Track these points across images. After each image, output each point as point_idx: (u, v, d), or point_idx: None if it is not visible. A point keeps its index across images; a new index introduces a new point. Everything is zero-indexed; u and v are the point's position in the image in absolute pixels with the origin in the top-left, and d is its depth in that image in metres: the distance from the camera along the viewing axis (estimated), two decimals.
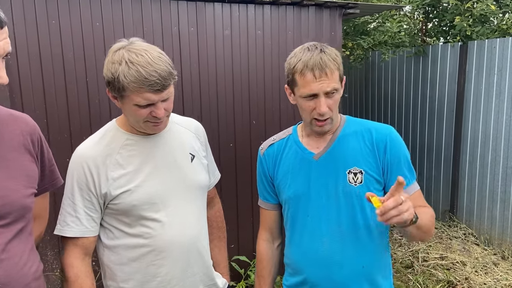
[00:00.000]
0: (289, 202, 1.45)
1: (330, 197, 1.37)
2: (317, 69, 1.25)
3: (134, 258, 1.35)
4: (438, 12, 4.90)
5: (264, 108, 3.24)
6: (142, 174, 1.33)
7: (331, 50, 1.31)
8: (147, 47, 1.25)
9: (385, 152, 1.35)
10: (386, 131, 1.37)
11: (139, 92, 1.20)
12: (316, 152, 1.40)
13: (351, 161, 1.36)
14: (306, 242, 1.41)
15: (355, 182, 1.34)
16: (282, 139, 1.50)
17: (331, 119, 1.33)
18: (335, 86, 1.28)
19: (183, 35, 2.90)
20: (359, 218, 1.36)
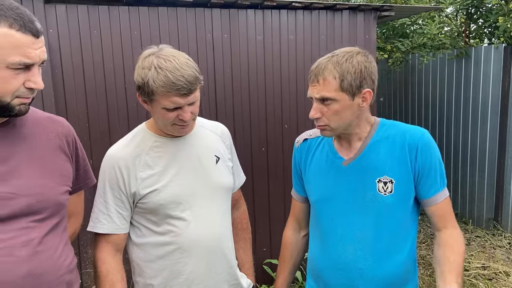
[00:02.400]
0: (315, 204, 1.46)
1: (357, 204, 1.36)
2: (313, 75, 1.28)
3: (161, 256, 1.40)
4: (481, 13, 4.72)
5: (297, 112, 3.25)
6: (169, 175, 1.39)
7: (349, 58, 1.26)
8: (175, 53, 1.31)
9: (417, 156, 1.31)
10: (418, 134, 1.34)
11: (167, 96, 1.27)
12: (346, 158, 1.39)
13: (381, 169, 1.33)
14: (329, 246, 1.42)
15: (385, 191, 1.32)
16: (317, 137, 1.50)
17: (330, 127, 1.31)
18: (325, 95, 1.25)
19: (216, 42, 2.97)
20: (384, 228, 1.34)
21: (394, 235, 1.35)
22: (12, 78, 0.97)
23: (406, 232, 1.37)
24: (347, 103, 1.28)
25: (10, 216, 1.01)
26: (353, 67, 1.25)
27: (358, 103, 1.29)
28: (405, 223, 1.37)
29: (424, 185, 1.33)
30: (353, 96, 1.27)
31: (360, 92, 1.28)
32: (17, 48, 0.95)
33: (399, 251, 1.36)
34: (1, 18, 0.94)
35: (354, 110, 1.30)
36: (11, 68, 0.96)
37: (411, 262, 1.40)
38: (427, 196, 1.34)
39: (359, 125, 1.37)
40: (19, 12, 0.97)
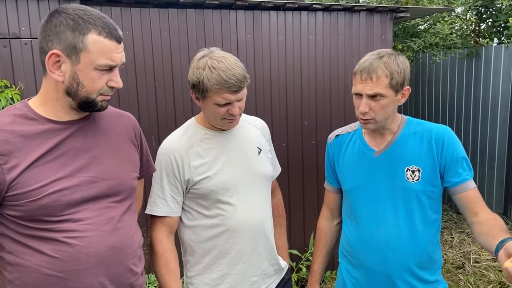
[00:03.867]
0: (348, 192, 1.62)
1: (387, 191, 1.51)
2: (364, 73, 1.41)
3: (211, 237, 1.55)
4: (491, 13, 4.84)
5: (316, 109, 3.39)
6: (219, 164, 1.54)
7: (394, 58, 1.42)
8: (226, 55, 1.46)
9: (443, 150, 1.46)
10: (443, 131, 1.49)
11: (219, 93, 1.42)
12: (376, 150, 1.55)
13: (409, 160, 1.49)
14: (362, 228, 1.57)
15: (413, 179, 1.47)
16: (348, 133, 1.67)
17: (375, 120, 1.45)
18: (378, 91, 1.40)
19: (240, 42, 3.12)
20: (415, 211, 1.49)
21: (421, 219, 1.49)
22: (99, 78, 1.13)
23: (432, 217, 1.52)
24: (392, 99, 1.44)
25: (96, 197, 1.17)
26: (399, 67, 1.42)
27: (399, 98, 1.46)
28: (431, 209, 1.51)
29: (452, 174, 1.47)
30: (397, 92, 1.44)
31: (402, 89, 1.46)
32: (104, 52, 1.11)
33: (425, 233, 1.50)
34: (92, 26, 1.09)
35: (394, 105, 1.47)
36: (98, 69, 1.12)
37: (436, 244, 1.55)
38: (456, 183, 1.47)
39: (393, 119, 1.53)
40: (106, 21, 1.12)
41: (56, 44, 1.08)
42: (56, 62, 1.09)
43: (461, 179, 1.47)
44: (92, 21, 1.09)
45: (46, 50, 1.09)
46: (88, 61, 1.09)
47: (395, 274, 1.51)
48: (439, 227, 1.57)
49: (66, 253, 1.11)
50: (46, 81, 1.15)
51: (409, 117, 1.58)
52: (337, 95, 3.42)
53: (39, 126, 1.13)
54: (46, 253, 1.11)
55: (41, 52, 1.11)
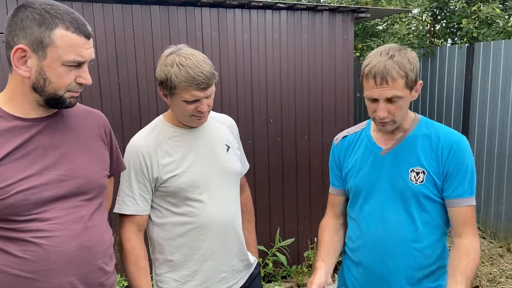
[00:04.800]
0: (353, 190, 1.57)
1: (390, 191, 1.46)
2: (378, 77, 1.31)
3: (181, 234, 1.55)
4: (445, 15, 5.08)
5: (281, 107, 3.44)
6: (187, 161, 1.55)
7: (404, 55, 1.34)
8: (194, 52, 1.47)
9: (448, 158, 1.39)
10: (454, 138, 1.41)
11: (187, 90, 1.42)
12: (384, 148, 1.49)
13: (415, 161, 1.42)
14: (363, 227, 1.53)
15: (416, 180, 1.41)
16: (356, 133, 1.61)
17: (394, 121, 1.40)
18: (396, 94, 1.32)
19: (206, 39, 3.12)
20: (416, 213, 1.43)
21: (423, 221, 1.43)
22: (66, 74, 1.11)
23: (437, 222, 1.45)
24: (408, 97, 1.38)
25: (65, 196, 1.15)
26: (411, 64, 1.34)
27: (413, 95, 1.40)
28: (436, 213, 1.44)
29: (450, 185, 1.40)
30: (411, 90, 1.37)
31: (416, 85, 1.38)
32: (72, 47, 1.09)
33: (427, 237, 1.44)
34: (59, 21, 1.07)
35: (409, 102, 1.41)
36: (65, 65, 1.10)
37: (441, 251, 1.47)
38: (451, 196, 1.40)
39: (405, 116, 1.44)
40: (74, 16, 1.10)
41: (22, 39, 1.06)
42: (22, 57, 1.07)
43: (455, 194, 1.40)
44: (59, 16, 1.07)
45: (11, 45, 1.06)
46: (55, 57, 1.07)
47: (392, 276, 1.47)
48: (444, 232, 1.49)
49: (34, 253, 1.09)
50: (12, 77, 1.12)
51: (423, 117, 1.51)
52: (301, 92, 3.49)
53: (5, 124, 1.10)
54: (13, 253, 1.08)
55: (7, 47, 1.08)
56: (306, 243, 3.63)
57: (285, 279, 3.52)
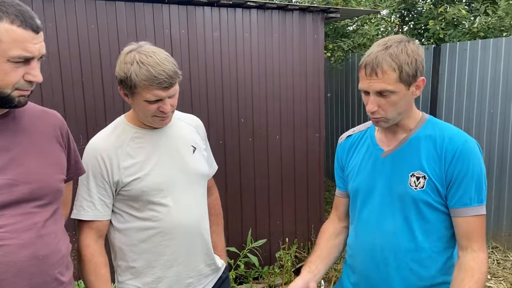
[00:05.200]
0: (352, 193, 1.48)
1: (388, 195, 1.36)
2: (369, 68, 1.24)
3: (143, 239, 1.49)
4: (413, 16, 5.17)
5: (252, 106, 3.41)
6: (150, 164, 1.48)
7: (403, 47, 1.24)
8: (155, 49, 1.41)
9: (451, 163, 1.27)
10: (460, 141, 1.28)
11: (149, 89, 1.36)
12: (385, 149, 1.39)
13: (416, 164, 1.31)
14: (361, 232, 1.45)
15: (416, 186, 1.30)
16: (360, 132, 1.52)
17: (386, 118, 1.30)
18: (386, 87, 1.23)
19: (174, 37, 3.04)
20: (414, 221, 1.32)
21: (422, 230, 1.32)
22: (12, 70, 1.03)
23: (439, 232, 1.32)
24: (404, 93, 1.26)
25: (15, 202, 1.06)
26: (408, 57, 1.23)
27: (412, 91, 1.28)
28: (437, 223, 1.32)
29: (454, 194, 1.28)
30: (409, 86, 1.26)
31: (416, 81, 1.27)
32: (17, 42, 1.01)
33: (427, 248, 1.33)
34: (3, 14, 0.99)
35: (407, 99, 1.29)
36: (11, 61, 1.02)
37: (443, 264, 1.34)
38: (456, 205, 1.28)
39: (407, 115, 1.34)
40: (20, 8, 1.02)
41: None
42: None
43: (460, 203, 1.27)
44: (3, 9, 0.99)
45: None
46: None
47: (387, 286, 1.38)
48: (450, 245, 1.36)
49: None
50: None
51: (431, 116, 1.39)
52: (272, 92, 3.46)
53: None
54: None
55: None
56: (278, 244, 3.61)
57: (257, 280, 3.49)
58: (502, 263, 3.71)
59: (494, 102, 3.95)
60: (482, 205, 1.28)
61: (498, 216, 3.99)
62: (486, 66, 3.99)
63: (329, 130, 6.31)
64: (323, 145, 3.78)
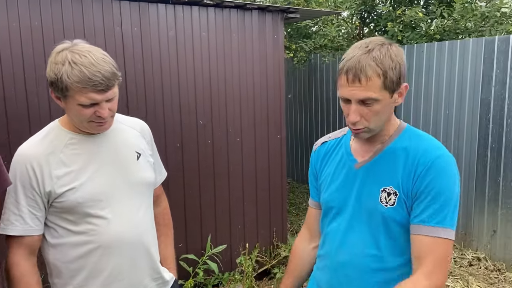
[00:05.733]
0: (323, 204, 1.39)
1: (359, 211, 1.27)
2: (351, 73, 1.11)
3: (81, 255, 1.37)
4: (373, 18, 5.23)
5: (211, 108, 3.30)
6: (87, 172, 1.36)
7: (386, 51, 1.12)
8: (91, 48, 1.29)
9: (419, 177, 1.15)
10: (433, 156, 1.16)
11: (82, 92, 1.24)
12: (359, 160, 1.28)
13: (388, 179, 1.21)
14: (327, 247, 1.37)
15: (387, 202, 1.20)
16: (336, 138, 1.41)
17: (368, 128, 1.19)
18: (370, 95, 1.12)
19: (126, 36, 2.90)
20: (382, 242, 1.22)
21: (391, 251, 1.22)
22: None
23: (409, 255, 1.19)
24: (387, 101, 1.15)
25: None
26: (392, 62, 1.12)
27: (395, 99, 1.17)
28: (408, 244, 1.19)
29: (415, 209, 1.16)
30: (392, 93, 1.15)
31: (399, 87, 1.16)
32: None
33: (394, 271, 1.23)
34: None
35: (390, 107, 1.19)
36: None
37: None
38: (412, 221, 1.16)
39: (387, 124, 1.24)
40: None
41: None
42: None
43: (418, 219, 1.14)
44: None
45: None
46: None
47: None
48: None
49: None
50: None
51: (408, 126, 1.28)
52: (232, 93, 3.37)
53: None
54: None
55: None
56: (239, 249, 3.52)
57: (217, 287, 3.39)
58: (459, 262, 3.79)
59: (450, 104, 4.03)
60: (445, 228, 1.11)
61: None
62: (441, 68, 4.06)
63: (293, 131, 6.30)
64: (285, 146, 3.73)
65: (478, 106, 3.78)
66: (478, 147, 3.81)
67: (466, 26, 4.70)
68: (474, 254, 3.83)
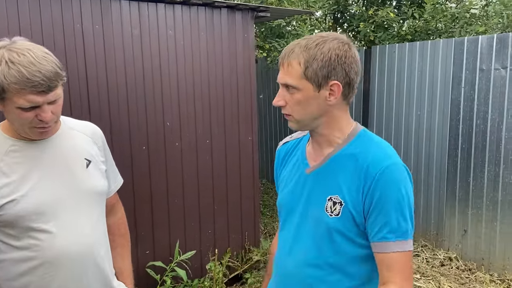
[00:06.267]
0: (278, 208, 1.36)
1: (305, 218, 1.22)
2: (280, 58, 1.16)
3: (23, 273, 1.26)
4: (346, 18, 5.21)
5: (179, 109, 3.19)
6: (30, 183, 1.25)
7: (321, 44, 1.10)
8: (31, 46, 1.18)
9: (369, 190, 1.10)
10: (382, 164, 1.10)
11: (21, 94, 1.14)
12: (311, 165, 1.24)
13: (335, 187, 1.15)
14: (278, 254, 1.33)
15: (331, 212, 1.15)
16: (296, 139, 1.36)
17: (293, 117, 1.17)
18: (287, 81, 1.12)
19: (87, 34, 2.75)
20: (326, 254, 1.17)
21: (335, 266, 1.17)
22: None
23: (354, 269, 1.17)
24: (311, 94, 1.12)
25: None
26: (321, 54, 1.09)
27: (325, 96, 1.13)
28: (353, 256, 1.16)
29: (372, 226, 1.11)
30: (318, 87, 1.11)
31: (327, 83, 1.11)
32: None
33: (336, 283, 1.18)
34: None
35: (320, 104, 1.14)
36: None
37: None
38: (374, 239, 1.11)
39: (329, 126, 1.18)
40: None
41: None
42: None
43: (379, 237, 1.10)
44: None
45: None
46: None
47: None
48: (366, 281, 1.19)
49: None
50: None
51: (363, 130, 1.21)
52: (201, 93, 3.26)
53: None
54: None
55: None
56: (208, 255, 3.42)
57: None
58: (431, 262, 3.80)
59: (421, 104, 4.04)
60: (406, 240, 1.09)
61: (426, 215, 4.09)
62: (413, 68, 4.07)
63: (267, 131, 6.23)
64: (257, 148, 3.65)
65: (448, 106, 3.80)
66: (449, 147, 3.83)
67: (437, 27, 4.73)
68: (445, 254, 3.85)
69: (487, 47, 3.47)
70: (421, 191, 4.11)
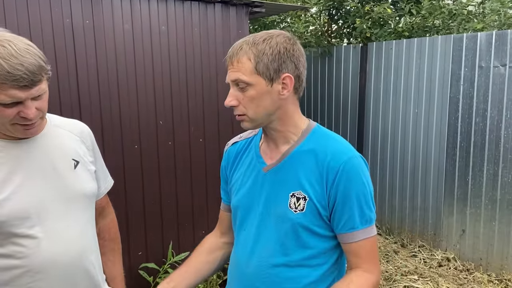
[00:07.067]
0: (232, 210, 1.33)
1: (267, 217, 1.20)
2: (228, 57, 1.15)
3: (6, 282, 1.17)
4: (341, 14, 5.14)
5: (172, 107, 3.10)
6: (12, 185, 1.16)
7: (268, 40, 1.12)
8: (12, 38, 1.09)
9: (333, 184, 1.12)
10: (343, 158, 1.13)
11: (2, 89, 1.06)
12: (268, 163, 1.23)
13: (297, 183, 1.16)
14: (236, 255, 1.30)
15: (296, 208, 1.15)
16: (247, 139, 1.34)
17: (248, 117, 1.16)
18: (240, 77, 1.11)
19: (77, 28, 2.65)
20: (292, 251, 1.17)
21: (302, 263, 1.18)
22: None
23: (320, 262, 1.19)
24: (264, 89, 1.12)
25: None
26: (270, 48, 1.11)
27: (278, 90, 1.13)
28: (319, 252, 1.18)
29: (339, 218, 1.14)
30: (271, 81, 1.12)
31: (279, 77, 1.12)
32: None
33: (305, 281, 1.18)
34: None
35: (274, 99, 1.14)
36: None
37: None
38: (341, 230, 1.15)
39: (284, 122, 1.19)
40: None
41: None
42: None
43: (348, 227, 1.13)
44: None
45: None
46: None
47: None
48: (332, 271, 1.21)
49: None
50: None
51: (317, 126, 1.23)
52: (194, 91, 3.18)
53: None
54: None
55: None
56: None
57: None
58: (428, 262, 3.75)
59: (419, 102, 3.99)
60: (371, 226, 1.16)
61: (424, 214, 4.05)
62: (410, 65, 4.02)
63: None
64: None
65: (447, 104, 3.75)
66: (447, 146, 3.78)
67: (434, 24, 4.68)
68: (443, 255, 3.81)
69: (486, 44, 3.42)
70: (418, 190, 4.07)
